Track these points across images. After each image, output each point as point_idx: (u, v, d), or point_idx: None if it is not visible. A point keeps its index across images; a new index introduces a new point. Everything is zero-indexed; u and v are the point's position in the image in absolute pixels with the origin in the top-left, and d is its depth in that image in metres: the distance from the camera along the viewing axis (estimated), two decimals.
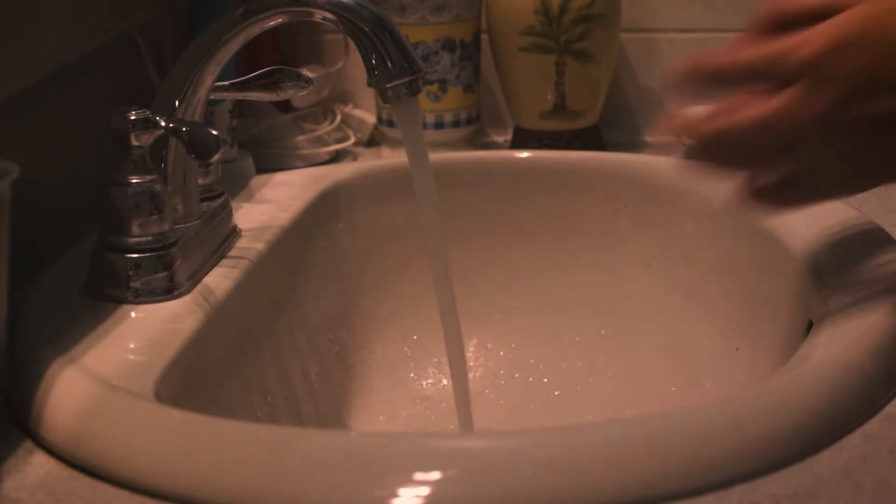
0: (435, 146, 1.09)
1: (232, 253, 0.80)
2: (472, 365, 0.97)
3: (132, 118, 0.70)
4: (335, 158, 1.11)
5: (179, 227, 0.75)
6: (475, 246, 0.99)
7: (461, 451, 0.52)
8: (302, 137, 1.09)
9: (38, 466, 0.56)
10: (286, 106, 1.10)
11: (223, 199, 0.82)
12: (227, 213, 0.82)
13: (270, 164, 1.04)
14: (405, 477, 0.50)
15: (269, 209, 0.90)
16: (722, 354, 0.85)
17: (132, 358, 0.63)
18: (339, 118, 1.14)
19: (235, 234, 0.83)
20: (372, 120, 1.18)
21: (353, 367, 0.93)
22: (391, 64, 0.70)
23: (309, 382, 0.87)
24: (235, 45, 0.75)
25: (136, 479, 0.53)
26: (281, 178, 0.99)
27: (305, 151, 1.08)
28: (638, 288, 0.96)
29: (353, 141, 1.13)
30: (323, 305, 0.92)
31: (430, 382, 0.96)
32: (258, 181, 0.97)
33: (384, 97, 0.71)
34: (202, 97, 0.76)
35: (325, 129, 1.11)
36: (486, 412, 0.90)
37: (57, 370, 0.60)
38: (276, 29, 0.78)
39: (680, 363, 0.90)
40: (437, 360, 0.96)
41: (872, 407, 0.57)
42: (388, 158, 1.11)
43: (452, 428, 0.85)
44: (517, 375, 0.97)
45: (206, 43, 0.75)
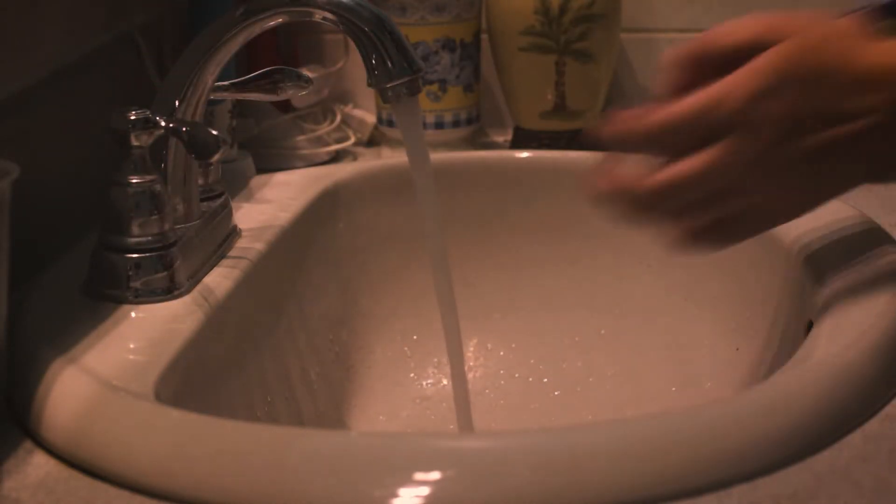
0: (435, 146, 1.09)
1: (232, 253, 0.80)
2: (472, 365, 0.97)
3: (132, 118, 0.70)
4: (335, 158, 1.11)
5: (179, 227, 0.75)
6: (475, 246, 0.99)
7: (461, 451, 0.52)
8: (302, 137, 1.09)
9: (38, 466, 0.56)
10: (286, 106, 1.10)
11: (223, 199, 0.82)
12: (227, 213, 0.82)
13: (270, 164, 1.04)
14: (405, 477, 0.50)
15: (269, 209, 0.90)
16: (722, 354, 0.85)
17: (132, 358, 0.63)
18: (339, 118, 1.14)
19: (235, 234, 0.83)
20: (372, 120, 1.17)
21: (353, 367, 0.93)
22: (391, 64, 0.70)
23: (309, 382, 0.87)
24: (235, 45, 0.75)
25: (136, 479, 0.53)
26: (281, 178, 0.99)
27: (305, 151, 1.08)
28: (638, 288, 0.96)
29: (353, 141, 1.13)
30: (323, 305, 0.92)
31: (430, 382, 0.96)
32: (258, 181, 0.97)
33: (384, 97, 0.71)
34: (202, 97, 0.76)
35: (325, 129, 1.11)
36: (486, 412, 0.90)
37: (57, 370, 0.60)
38: (276, 29, 0.78)
39: (680, 363, 0.90)
40: (437, 360, 0.96)
41: (872, 407, 0.57)
42: (388, 158, 1.11)
43: (452, 428, 0.85)
44: (517, 375, 0.97)
45: (206, 43, 0.75)
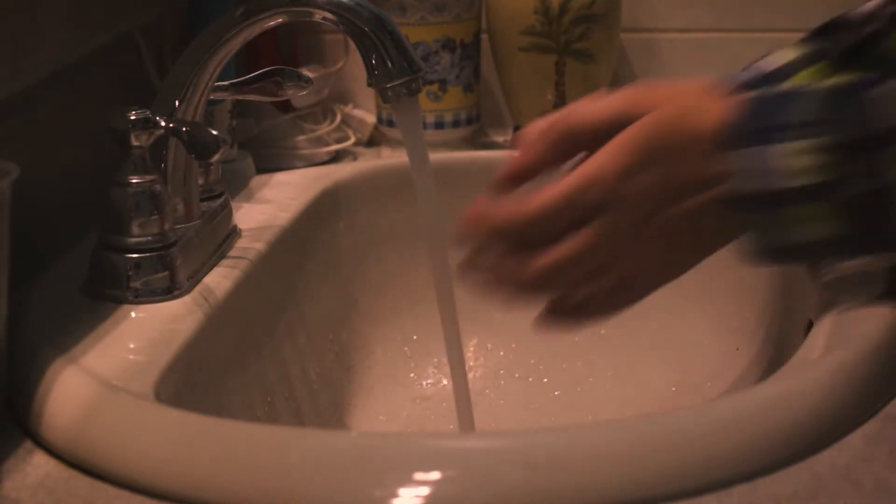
0: (435, 146, 1.09)
1: (232, 253, 0.80)
2: (472, 365, 0.97)
3: (132, 118, 0.70)
4: (335, 158, 1.11)
5: (179, 227, 0.75)
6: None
7: (461, 451, 0.52)
8: (302, 137, 1.09)
9: (38, 466, 0.56)
10: (286, 106, 1.10)
11: (223, 199, 0.82)
12: (227, 213, 0.82)
13: (270, 164, 1.04)
14: (405, 477, 0.50)
15: (269, 209, 0.90)
16: (722, 354, 0.85)
17: (132, 358, 0.63)
18: (339, 118, 1.14)
19: (235, 234, 0.83)
20: (372, 120, 1.17)
21: (353, 367, 0.93)
22: (391, 64, 0.70)
23: (309, 382, 0.87)
24: (235, 45, 0.75)
25: (136, 479, 0.53)
26: (281, 178, 0.99)
27: (305, 151, 1.08)
28: None
29: (353, 141, 1.13)
30: (323, 305, 0.92)
31: (430, 382, 0.96)
32: (258, 181, 0.97)
33: (384, 97, 0.71)
34: (202, 97, 0.76)
35: (325, 129, 1.11)
36: (486, 412, 0.90)
37: (57, 370, 0.60)
38: (276, 29, 0.78)
39: (680, 363, 0.90)
40: (437, 360, 0.96)
41: (872, 407, 0.57)
42: (388, 158, 1.11)
43: (452, 428, 0.85)
44: (517, 375, 0.97)
45: (206, 43, 0.75)
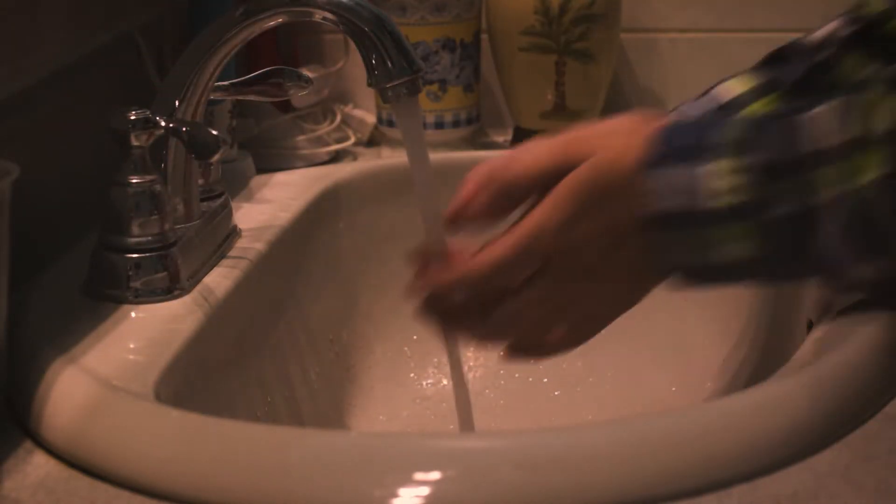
0: (435, 146, 1.09)
1: (232, 253, 0.80)
2: (472, 365, 0.97)
3: (132, 118, 0.70)
4: (335, 158, 1.11)
5: (179, 227, 0.75)
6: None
7: (461, 451, 0.52)
8: (302, 137, 1.09)
9: (38, 466, 0.56)
10: (286, 106, 1.10)
11: (223, 199, 0.82)
12: (227, 213, 0.82)
13: (270, 164, 1.04)
14: (405, 477, 0.50)
15: (269, 209, 0.90)
16: (722, 354, 0.85)
17: (132, 358, 0.63)
18: (339, 118, 1.14)
19: (235, 234, 0.83)
20: (372, 120, 1.17)
21: (353, 367, 0.93)
22: (391, 64, 0.70)
23: (309, 382, 0.87)
24: (235, 45, 0.75)
25: (136, 479, 0.53)
26: (281, 178, 0.99)
27: (305, 151, 1.08)
28: None
29: (353, 141, 1.13)
30: (323, 305, 0.92)
31: (430, 382, 0.96)
32: (258, 181, 0.97)
33: (384, 97, 0.71)
34: (202, 97, 0.76)
35: (325, 129, 1.11)
36: (486, 412, 0.90)
37: (57, 370, 0.60)
38: (276, 29, 0.78)
39: (680, 363, 0.90)
40: (437, 360, 0.96)
41: (872, 407, 0.57)
42: (388, 158, 1.11)
43: (452, 428, 0.85)
44: (517, 375, 0.97)
45: (206, 43, 0.75)
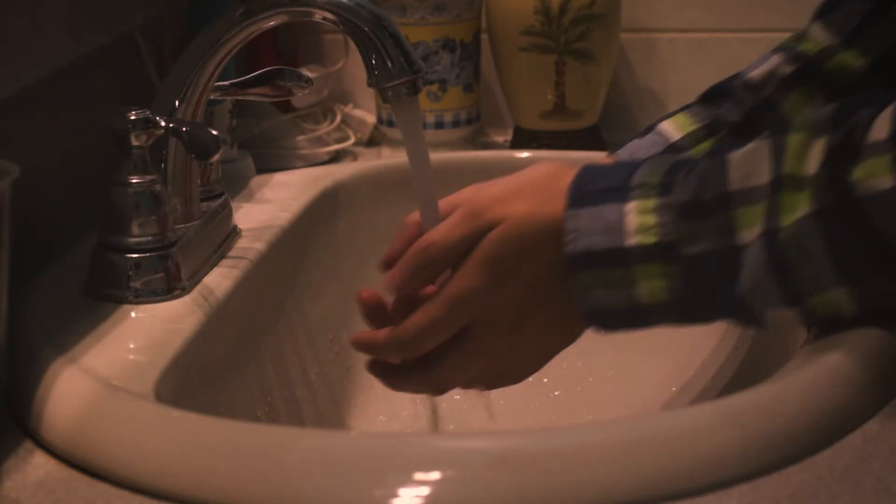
0: (435, 146, 1.09)
1: (232, 253, 0.80)
2: None
3: (132, 118, 0.70)
4: (335, 158, 1.11)
5: (179, 227, 0.75)
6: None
7: (461, 451, 0.52)
8: (302, 137, 1.09)
9: (38, 466, 0.56)
10: (286, 106, 1.10)
11: (223, 199, 0.82)
12: (227, 213, 0.82)
13: (270, 164, 1.04)
14: (405, 477, 0.50)
15: (269, 209, 0.90)
16: (722, 354, 0.85)
17: (132, 358, 0.63)
18: (339, 118, 1.14)
19: (235, 234, 0.83)
20: (372, 120, 1.18)
21: (353, 367, 0.93)
22: (391, 64, 0.70)
23: (309, 382, 0.87)
24: (235, 45, 0.75)
25: (136, 479, 0.53)
26: (281, 178, 0.99)
27: (305, 151, 1.08)
28: None
29: (353, 141, 1.13)
30: (323, 305, 0.92)
31: None
32: (258, 181, 0.97)
33: (384, 97, 0.71)
34: (202, 97, 0.76)
35: (325, 129, 1.11)
36: (486, 412, 0.90)
37: (57, 370, 0.60)
38: (276, 29, 0.78)
39: (680, 363, 0.90)
40: None
41: (872, 407, 0.57)
42: (388, 158, 1.11)
43: (452, 428, 0.85)
44: None
45: (206, 43, 0.75)
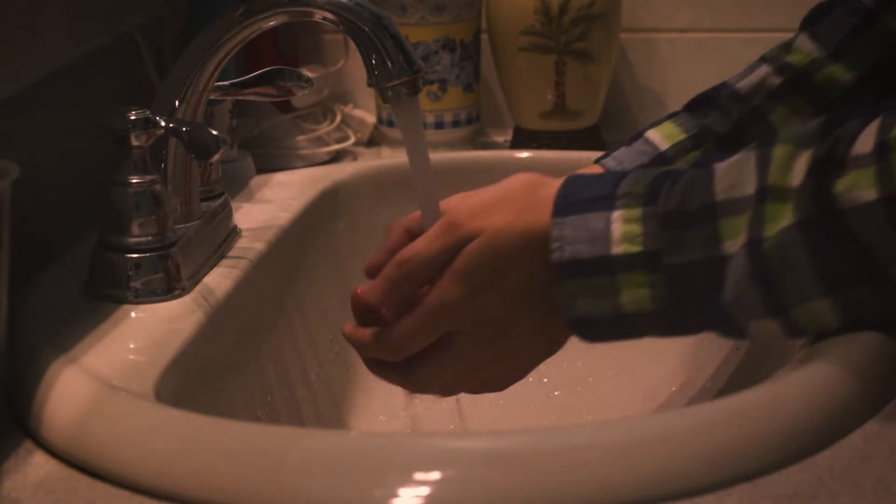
0: (435, 146, 1.09)
1: (232, 253, 0.80)
2: None
3: (132, 118, 0.70)
4: (335, 158, 1.11)
5: (179, 227, 0.75)
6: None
7: (461, 451, 0.52)
8: (302, 137, 1.09)
9: (38, 466, 0.56)
10: (286, 106, 1.10)
11: (223, 199, 0.82)
12: (227, 213, 0.82)
13: (270, 164, 1.04)
14: (405, 477, 0.50)
15: (269, 209, 0.90)
16: (722, 354, 0.85)
17: (132, 358, 0.63)
18: (339, 118, 1.14)
19: (235, 234, 0.83)
20: (372, 120, 1.17)
21: (353, 367, 0.93)
22: (391, 64, 0.70)
23: (309, 382, 0.87)
24: (235, 45, 0.75)
25: (136, 479, 0.53)
26: (281, 178, 0.99)
27: (305, 151, 1.08)
28: None
29: (353, 141, 1.13)
30: (323, 305, 0.92)
31: None
32: (258, 181, 0.97)
33: (384, 97, 0.71)
34: (202, 97, 0.76)
35: (325, 129, 1.11)
36: (486, 412, 0.90)
37: (57, 370, 0.60)
38: (276, 29, 0.78)
39: (680, 363, 0.90)
40: None
41: (872, 407, 0.57)
42: (388, 158, 1.11)
43: (452, 428, 0.85)
44: None
45: (206, 43, 0.75)
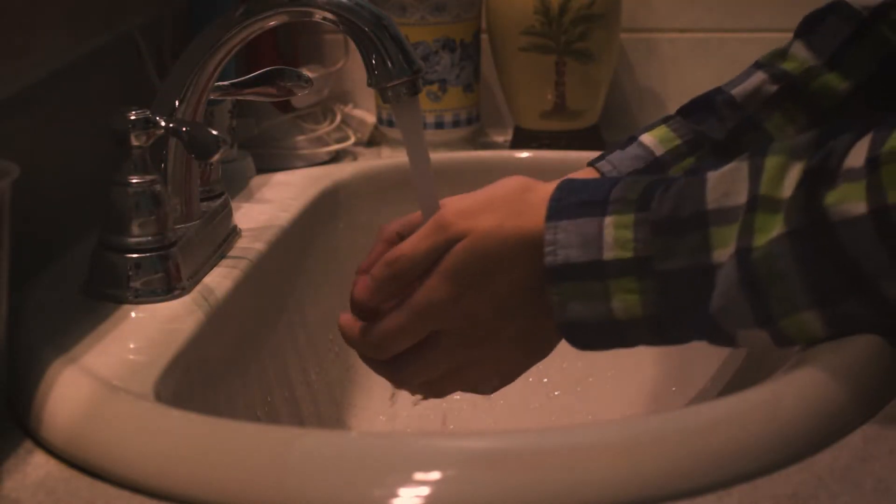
0: (435, 146, 1.09)
1: (232, 253, 0.80)
2: None
3: (132, 118, 0.70)
4: (335, 158, 1.11)
5: (179, 227, 0.75)
6: None
7: (461, 451, 0.52)
8: (302, 137, 1.09)
9: (38, 466, 0.56)
10: (286, 106, 1.10)
11: (223, 199, 0.82)
12: (227, 213, 0.82)
13: (270, 164, 1.04)
14: (405, 477, 0.50)
15: (269, 209, 0.90)
16: (722, 354, 0.85)
17: (132, 358, 0.63)
18: (339, 118, 1.14)
19: (235, 234, 0.83)
20: (372, 120, 1.18)
21: (353, 367, 0.93)
22: (391, 64, 0.70)
23: (309, 382, 0.87)
24: (235, 45, 0.75)
25: (136, 479, 0.53)
26: (281, 178, 0.99)
27: (305, 151, 1.08)
28: None
29: (353, 141, 1.13)
30: (323, 305, 0.92)
31: None
32: (258, 181, 0.97)
33: (384, 97, 0.71)
34: (202, 97, 0.76)
35: (325, 129, 1.11)
36: (486, 412, 0.90)
37: (57, 370, 0.60)
38: (276, 29, 0.78)
39: (680, 363, 0.90)
40: None
41: (872, 407, 0.57)
42: (388, 158, 1.11)
43: (452, 428, 0.85)
44: None
45: (206, 43, 0.75)
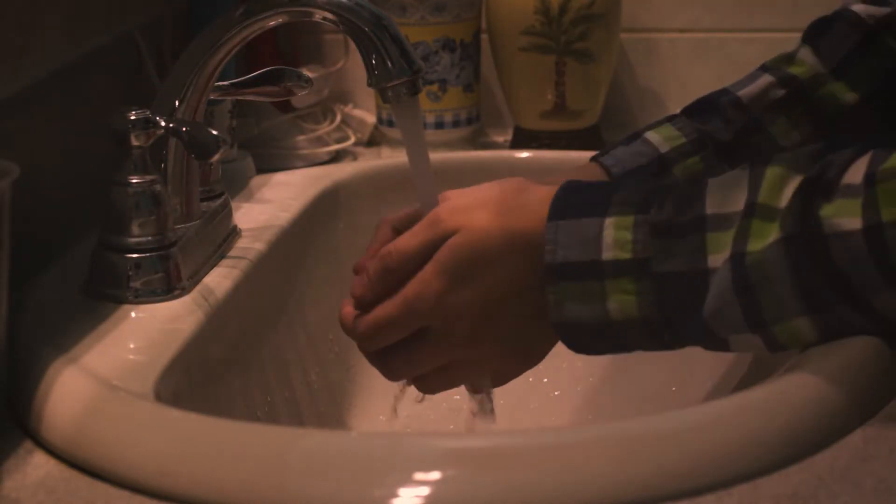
0: (435, 146, 1.09)
1: (232, 253, 0.80)
2: None
3: (132, 118, 0.70)
4: (335, 158, 1.11)
5: (179, 227, 0.75)
6: None
7: (461, 451, 0.52)
8: (302, 137, 1.09)
9: (38, 466, 0.56)
10: (286, 106, 1.10)
11: (223, 199, 0.82)
12: (227, 213, 0.82)
13: (270, 164, 1.04)
14: (405, 477, 0.50)
15: (269, 209, 0.90)
16: (721, 355, 0.85)
17: (132, 358, 0.63)
18: (339, 118, 1.14)
19: (235, 234, 0.83)
20: (372, 120, 1.17)
21: (353, 367, 0.93)
22: (391, 64, 0.70)
23: (309, 382, 0.87)
24: (235, 45, 0.75)
25: (136, 479, 0.53)
26: (281, 178, 0.99)
27: (305, 151, 1.08)
28: None
29: (353, 141, 1.13)
30: (323, 305, 0.92)
31: None
32: (258, 181, 0.97)
33: (384, 97, 0.71)
34: (202, 97, 0.76)
35: (325, 129, 1.11)
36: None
37: (57, 370, 0.60)
38: (276, 29, 0.78)
39: (679, 363, 0.90)
40: None
41: (872, 407, 0.57)
42: (388, 158, 1.11)
43: (452, 428, 0.85)
44: None
45: (206, 43, 0.75)
